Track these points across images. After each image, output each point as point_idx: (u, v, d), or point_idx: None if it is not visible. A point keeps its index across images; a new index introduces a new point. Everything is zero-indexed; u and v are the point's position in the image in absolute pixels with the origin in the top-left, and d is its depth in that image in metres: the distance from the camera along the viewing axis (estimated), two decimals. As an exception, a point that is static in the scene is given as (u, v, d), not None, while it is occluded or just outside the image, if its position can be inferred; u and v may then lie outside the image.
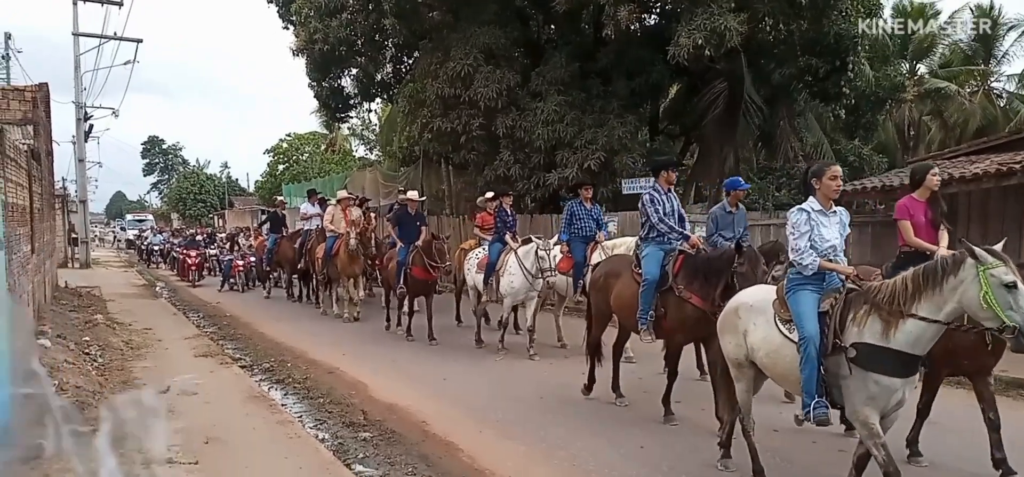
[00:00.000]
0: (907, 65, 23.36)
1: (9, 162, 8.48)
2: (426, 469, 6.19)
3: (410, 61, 21.37)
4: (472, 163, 18.18)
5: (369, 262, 15.10)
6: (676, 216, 7.33)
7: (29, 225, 10.82)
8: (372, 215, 15.90)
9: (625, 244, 9.84)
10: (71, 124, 31.60)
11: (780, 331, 4.86)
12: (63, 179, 36.12)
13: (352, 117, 32.17)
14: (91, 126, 31.85)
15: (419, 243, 11.76)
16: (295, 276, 18.01)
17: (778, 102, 17.61)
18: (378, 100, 26.38)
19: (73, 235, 31.55)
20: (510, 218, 11.23)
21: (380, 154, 36.64)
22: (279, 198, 23.49)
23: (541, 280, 10.07)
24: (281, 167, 50.79)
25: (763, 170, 21.55)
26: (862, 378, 4.38)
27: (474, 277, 11.38)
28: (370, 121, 41.56)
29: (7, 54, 30.79)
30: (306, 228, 16.73)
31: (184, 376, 8.77)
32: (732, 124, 17.08)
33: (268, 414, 7.30)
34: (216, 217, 57.08)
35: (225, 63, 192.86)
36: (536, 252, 9.88)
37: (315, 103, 26.00)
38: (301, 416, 7.75)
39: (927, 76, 23.80)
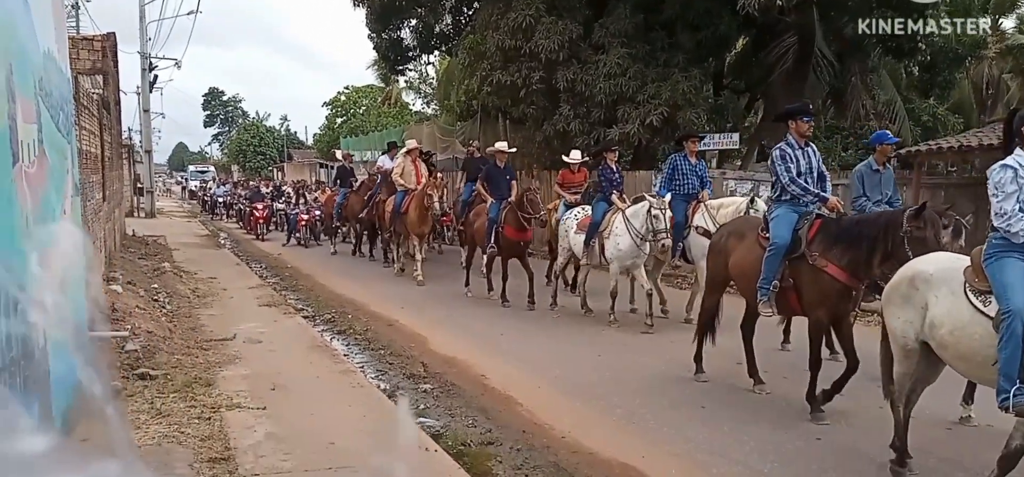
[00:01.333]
0: (989, 20, 22.22)
1: (83, 110, 8.65)
2: (486, 421, 6.23)
3: (470, 12, 21.13)
4: (531, 117, 17.95)
5: (442, 221, 14.37)
6: (814, 175, 6.32)
7: (101, 173, 11.09)
8: (439, 172, 15.25)
9: (734, 204, 9.12)
10: (136, 75, 32.28)
11: (971, 304, 4.21)
12: (129, 129, 37.05)
13: (410, 70, 32.14)
14: (156, 77, 32.55)
15: (512, 199, 10.89)
16: (364, 232, 17.35)
17: (850, 58, 16.92)
18: (437, 52, 26.29)
19: (139, 185, 32.42)
20: (616, 175, 10.11)
21: (437, 108, 36.64)
22: (338, 152, 23.56)
23: (651, 243, 8.94)
24: (339, 120, 51.30)
25: (830, 129, 20.90)
26: None
27: (572, 238, 10.15)
28: (427, 74, 41.57)
29: (77, 3, 31.50)
30: (379, 182, 15.73)
31: (249, 324, 8.96)
32: (801, 80, 16.47)
33: (331, 363, 7.41)
34: (275, 170, 58.07)
35: (284, 15, 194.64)
36: (648, 211, 8.71)
37: (372, 56, 26.04)
38: (363, 366, 7.86)
39: (1011, 32, 22.63)
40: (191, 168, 73.08)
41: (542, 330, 9.43)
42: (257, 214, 22.94)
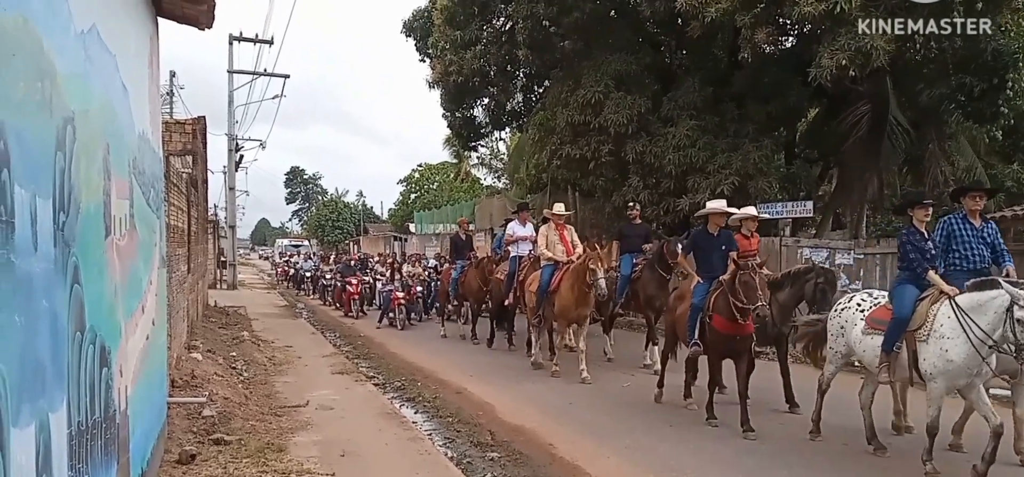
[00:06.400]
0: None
1: (173, 188, 9.17)
2: (553, 492, 6.18)
3: (540, 90, 21.63)
4: (599, 189, 18.11)
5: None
6: None
7: (187, 247, 11.63)
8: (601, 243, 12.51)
9: (993, 304, 5.80)
10: (223, 154, 33.84)
11: None
12: (215, 206, 38.76)
13: (482, 146, 32.82)
14: (241, 156, 34.11)
15: (724, 279, 7.90)
16: (485, 313, 14.63)
17: (927, 124, 16.52)
18: (508, 129, 26.88)
19: (222, 258, 33.67)
20: (929, 244, 6.50)
21: (508, 182, 37.20)
22: (412, 225, 23.95)
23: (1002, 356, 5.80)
24: (413, 196, 52.59)
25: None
26: None
27: (856, 338, 6.84)
28: (498, 150, 42.44)
29: (171, 90, 33.52)
30: (513, 254, 12.90)
31: (322, 391, 9.16)
32: (875, 148, 16.16)
33: (400, 430, 7.49)
34: (351, 243, 59.53)
35: (362, 97, 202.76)
36: (1008, 309, 5.51)
37: (446, 134, 26.78)
38: (431, 434, 7.91)
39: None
40: (284, 242, 72.58)
41: (610, 399, 9.30)
42: (351, 289, 20.63)
